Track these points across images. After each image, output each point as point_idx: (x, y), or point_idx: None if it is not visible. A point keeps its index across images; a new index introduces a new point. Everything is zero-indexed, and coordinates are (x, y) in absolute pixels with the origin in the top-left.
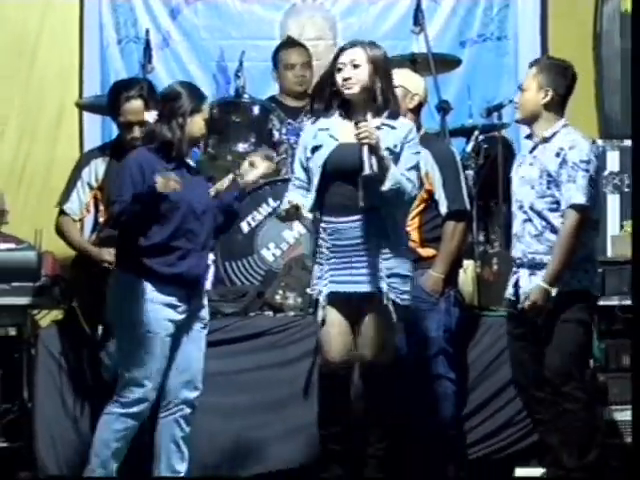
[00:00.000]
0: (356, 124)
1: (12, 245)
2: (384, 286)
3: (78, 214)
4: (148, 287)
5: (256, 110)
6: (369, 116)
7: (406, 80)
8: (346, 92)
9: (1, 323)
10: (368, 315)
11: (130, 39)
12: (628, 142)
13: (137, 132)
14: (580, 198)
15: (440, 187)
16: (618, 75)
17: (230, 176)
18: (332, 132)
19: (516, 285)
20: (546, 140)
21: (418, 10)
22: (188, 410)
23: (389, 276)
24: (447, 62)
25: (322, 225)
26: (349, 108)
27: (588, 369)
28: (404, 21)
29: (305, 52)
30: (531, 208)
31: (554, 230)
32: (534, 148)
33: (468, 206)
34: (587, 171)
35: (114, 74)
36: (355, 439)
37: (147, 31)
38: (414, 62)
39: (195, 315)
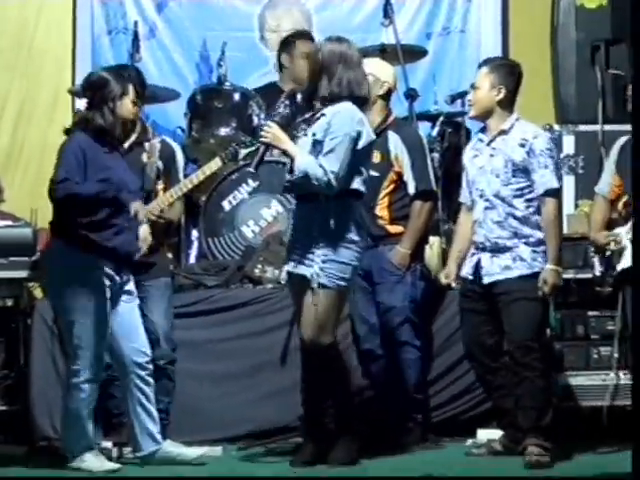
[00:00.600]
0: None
1: (9, 222)
2: (316, 270)
3: None
4: (88, 258)
5: (237, 97)
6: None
7: (376, 69)
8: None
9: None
10: (305, 297)
11: (119, 30)
12: (582, 127)
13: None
14: (555, 182)
15: (409, 169)
16: (573, 65)
17: (217, 159)
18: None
19: (476, 266)
20: (505, 132)
21: (387, 4)
22: (142, 372)
23: (324, 261)
24: (414, 53)
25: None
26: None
27: (545, 338)
28: (374, 15)
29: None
30: (496, 196)
31: (516, 217)
32: (491, 141)
33: (434, 186)
34: (553, 157)
35: (104, 63)
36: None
37: (135, 23)
38: (384, 52)
39: (125, 288)
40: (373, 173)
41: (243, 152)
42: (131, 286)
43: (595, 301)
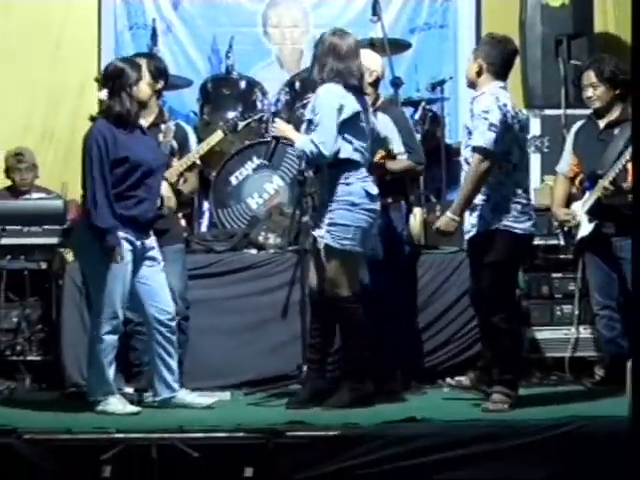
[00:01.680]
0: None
1: (43, 195)
2: (322, 233)
3: None
4: None
5: (243, 84)
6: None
7: (366, 59)
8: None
9: (34, 259)
10: (320, 257)
11: (139, 26)
12: (547, 111)
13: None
14: (479, 141)
15: (400, 144)
16: (539, 57)
17: (219, 131)
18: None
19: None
20: (472, 102)
21: (376, 3)
22: (164, 329)
23: (330, 224)
24: (399, 45)
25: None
26: None
27: (513, 298)
28: (364, 12)
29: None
30: (464, 159)
31: None
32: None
33: (423, 157)
34: (486, 119)
35: (126, 55)
36: None
37: (153, 20)
38: (372, 45)
39: (148, 254)
40: None
41: (241, 124)
42: (155, 253)
43: (558, 265)
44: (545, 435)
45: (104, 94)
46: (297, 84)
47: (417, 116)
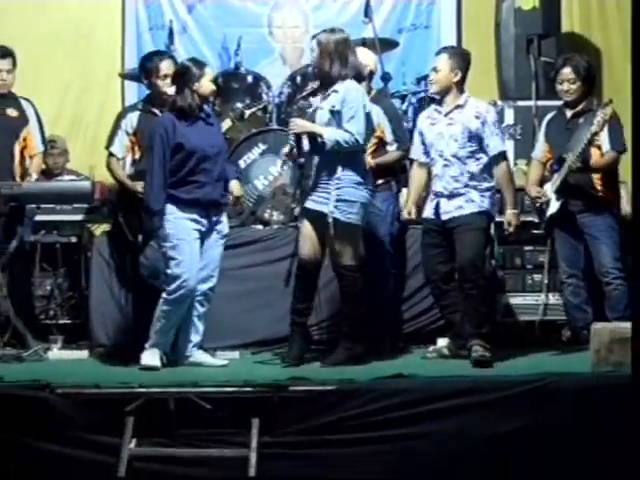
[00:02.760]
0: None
1: (73, 177)
2: (330, 208)
3: (121, 154)
4: (174, 209)
5: (250, 79)
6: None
7: (361, 56)
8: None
9: (65, 234)
10: (327, 231)
11: (158, 27)
12: (520, 102)
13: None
14: (503, 146)
15: (390, 133)
16: (512, 54)
17: (227, 120)
18: (312, 99)
19: (436, 207)
20: (461, 107)
21: (367, 6)
22: (202, 297)
23: (338, 200)
24: (388, 44)
25: (307, 160)
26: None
27: (490, 266)
28: (358, 14)
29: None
30: (454, 156)
31: (468, 172)
32: (448, 113)
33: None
34: (499, 128)
35: (146, 52)
36: None
37: (170, 21)
38: (364, 44)
39: (214, 228)
40: None
41: (247, 112)
42: (221, 227)
43: (529, 239)
44: (519, 390)
45: (172, 90)
46: (298, 78)
47: (404, 107)
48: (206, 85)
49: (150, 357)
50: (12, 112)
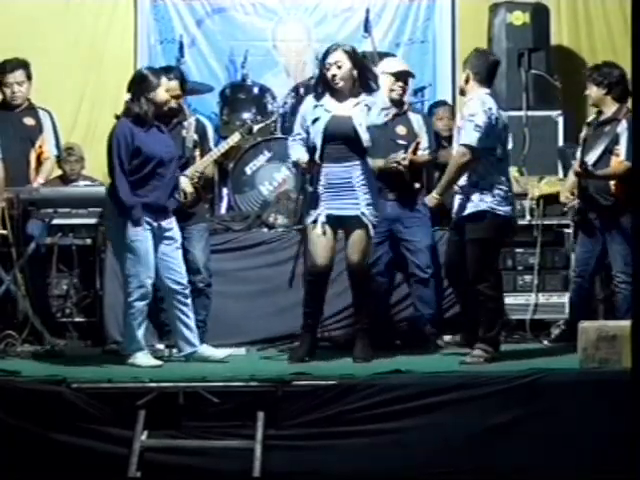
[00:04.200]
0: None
1: (89, 182)
2: (365, 211)
3: None
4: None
5: (256, 90)
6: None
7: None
8: (335, 85)
9: (81, 236)
10: (354, 232)
11: (169, 41)
12: (512, 112)
13: (173, 103)
14: (465, 139)
15: (426, 140)
16: (504, 66)
17: (237, 133)
18: (326, 107)
19: (453, 206)
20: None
21: (367, 22)
22: (179, 296)
23: (367, 205)
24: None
25: (323, 169)
26: (336, 91)
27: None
28: (357, 29)
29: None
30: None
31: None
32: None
33: None
34: (472, 121)
35: (157, 65)
36: None
37: (181, 35)
38: (364, 57)
39: (164, 235)
40: (401, 142)
41: (256, 127)
42: (172, 233)
43: (520, 241)
44: (510, 385)
45: (127, 96)
46: (301, 90)
47: None
48: (161, 94)
49: (145, 360)
50: (29, 121)
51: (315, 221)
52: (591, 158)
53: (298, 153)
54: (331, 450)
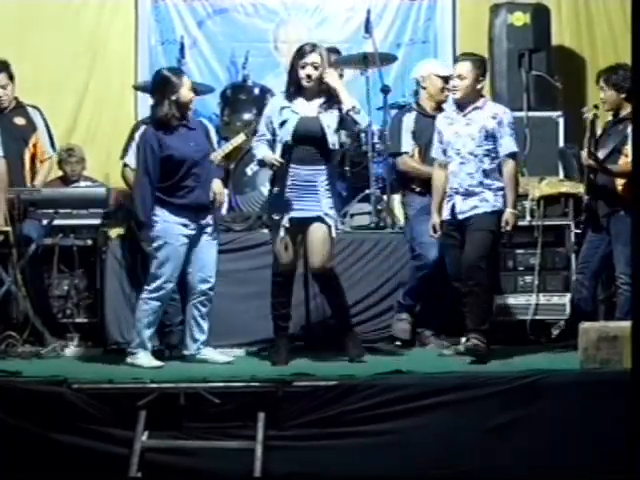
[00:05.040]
0: None
1: (89, 183)
2: (328, 212)
3: (134, 164)
4: (165, 212)
5: (257, 91)
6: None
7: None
8: (306, 85)
9: (82, 237)
10: (315, 233)
11: (170, 42)
12: (513, 113)
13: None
14: (515, 147)
15: None
16: (505, 67)
17: (242, 134)
18: (293, 109)
19: (452, 208)
20: (479, 108)
21: (368, 22)
22: (203, 297)
23: (330, 207)
24: (388, 58)
25: (290, 171)
26: (304, 92)
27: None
28: (358, 30)
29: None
30: (470, 153)
31: (483, 170)
32: (467, 114)
33: None
34: (514, 129)
35: (158, 66)
36: None
37: (182, 36)
38: (365, 59)
39: (203, 231)
40: None
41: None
42: (211, 230)
43: (521, 242)
44: (511, 385)
45: (151, 102)
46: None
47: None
48: (185, 94)
49: (146, 360)
50: (20, 120)
51: (278, 224)
52: (600, 155)
53: (263, 151)
54: (332, 450)
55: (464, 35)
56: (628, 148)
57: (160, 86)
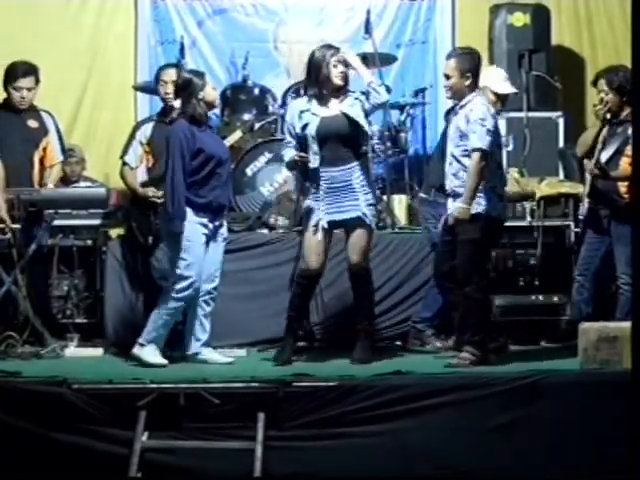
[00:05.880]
0: None
1: (89, 183)
2: (367, 212)
3: (134, 164)
4: (190, 212)
5: (257, 91)
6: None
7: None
8: (339, 83)
9: (82, 237)
10: (356, 232)
11: (169, 42)
12: (512, 114)
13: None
14: (479, 143)
15: None
16: (505, 68)
17: (238, 131)
18: (313, 111)
19: (447, 209)
20: (462, 107)
21: (368, 23)
22: (208, 296)
23: (368, 205)
24: (388, 59)
25: (321, 173)
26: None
27: (486, 271)
28: (358, 30)
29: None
30: (452, 155)
31: (465, 170)
32: (455, 113)
33: None
34: (484, 125)
35: (158, 66)
36: None
37: (181, 36)
38: (365, 59)
39: (218, 231)
40: None
41: (257, 125)
42: (223, 230)
43: (521, 242)
44: (510, 386)
45: (178, 102)
46: (301, 91)
47: (403, 117)
48: (210, 92)
49: (152, 355)
50: (33, 123)
51: (316, 226)
52: (603, 158)
53: (290, 154)
54: (332, 451)
55: (464, 35)
56: (629, 149)
57: (184, 88)
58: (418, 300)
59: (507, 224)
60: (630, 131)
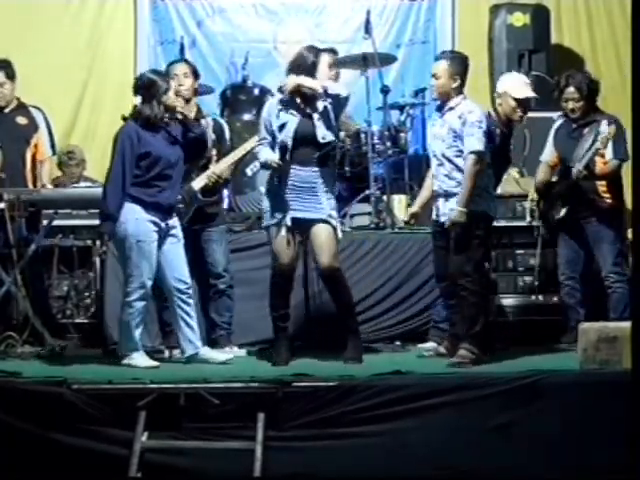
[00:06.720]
0: None
1: (89, 184)
2: (332, 213)
3: None
4: (139, 209)
5: (256, 91)
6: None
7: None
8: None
9: (82, 237)
10: (323, 234)
11: (169, 42)
12: None
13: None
14: (476, 146)
15: None
16: (505, 68)
17: (255, 137)
18: (292, 111)
19: (437, 209)
20: (452, 109)
21: (368, 23)
22: (182, 295)
23: (332, 209)
24: (387, 59)
25: (291, 172)
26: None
27: (485, 269)
28: (358, 30)
29: None
30: (443, 155)
31: (458, 171)
32: (443, 114)
33: None
34: (481, 128)
35: (158, 66)
36: None
37: (181, 37)
38: (365, 59)
39: (170, 232)
40: None
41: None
42: (176, 231)
43: (521, 242)
44: (510, 386)
45: (138, 100)
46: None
47: (403, 118)
48: (172, 98)
49: (142, 360)
50: (22, 120)
51: (279, 224)
52: (582, 162)
53: (266, 154)
54: (332, 451)
55: (464, 35)
56: (603, 150)
57: (147, 88)
58: (418, 300)
59: (507, 224)
60: (601, 129)
